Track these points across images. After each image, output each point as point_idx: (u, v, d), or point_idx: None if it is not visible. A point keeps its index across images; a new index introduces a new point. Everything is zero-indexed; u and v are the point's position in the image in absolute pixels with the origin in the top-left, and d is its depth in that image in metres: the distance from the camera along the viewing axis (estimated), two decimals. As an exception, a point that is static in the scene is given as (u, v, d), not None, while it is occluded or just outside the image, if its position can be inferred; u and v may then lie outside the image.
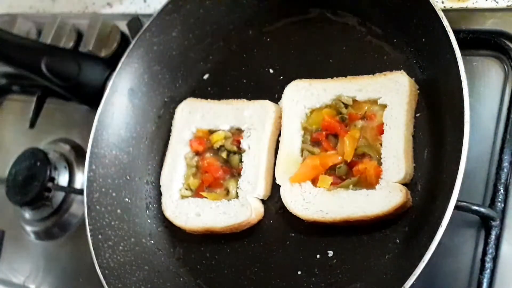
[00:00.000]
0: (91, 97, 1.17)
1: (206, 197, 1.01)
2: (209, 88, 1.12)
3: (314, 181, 0.94)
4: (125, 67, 1.09)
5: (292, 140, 0.98)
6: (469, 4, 0.98)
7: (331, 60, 1.02)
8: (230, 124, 1.04)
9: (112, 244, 1.01)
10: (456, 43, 0.81)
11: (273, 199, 0.99)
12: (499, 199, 0.85)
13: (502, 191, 0.86)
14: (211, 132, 1.06)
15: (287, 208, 0.94)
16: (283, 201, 0.94)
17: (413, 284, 0.75)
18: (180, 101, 1.11)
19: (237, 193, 0.99)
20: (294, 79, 1.01)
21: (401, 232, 0.87)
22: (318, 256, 0.92)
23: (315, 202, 0.92)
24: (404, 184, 0.88)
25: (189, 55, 1.13)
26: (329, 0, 1.04)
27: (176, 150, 1.07)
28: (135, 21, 1.24)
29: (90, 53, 1.27)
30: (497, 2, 0.96)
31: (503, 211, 0.85)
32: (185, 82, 1.14)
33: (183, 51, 1.12)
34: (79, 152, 1.26)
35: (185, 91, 1.13)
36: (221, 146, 1.03)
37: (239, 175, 1.00)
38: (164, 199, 1.05)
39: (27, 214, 1.27)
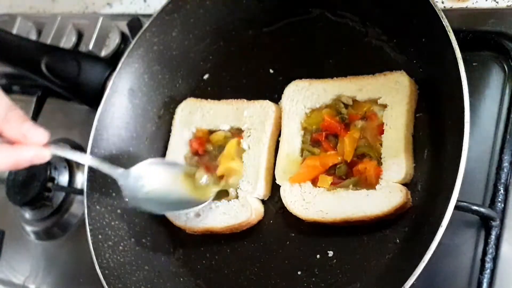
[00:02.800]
0: (91, 97, 1.17)
1: (205, 197, 1.01)
2: (209, 88, 1.12)
3: (314, 181, 0.94)
4: (125, 67, 1.09)
5: (292, 140, 0.98)
6: (469, 4, 0.98)
7: (331, 60, 1.02)
8: (230, 124, 1.04)
9: (112, 244, 1.01)
10: (456, 43, 0.81)
11: (273, 199, 0.99)
12: (499, 199, 0.85)
13: (502, 191, 0.86)
14: (211, 132, 1.06)
15: (287, 208, 0.94)
16: (283, 201, 0.94)
17: (413, 284, 0.75)
18: (180, 101, 1.11)
19: (237, 193, 0.99)
20: (294, 79, 1.01)
21: (401, 232, 0.87)
22: (318, 256, 0.92)
23: (315, 202, 0.92)
24: (404, 184, 0.88)
25: (189, 55, 1.13)
26: (329, 0, 1.04)
27: (176, 150, 1.07)
28: (135, 21, 1.24)
29: (90, 53, 1.27)
30: (497, 2, 0.96)
31: (503, 211, 0.85)
32: (185, 82, 1.14)
33: (183, 51, 1.12)
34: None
35: (185, 91, 1.13)
36: (221, 146, 1.03)
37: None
38: (164, 199, 1.05)
39: (27, 214, 1.27)
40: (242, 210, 0.97)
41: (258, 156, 0.99)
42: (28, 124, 0.80)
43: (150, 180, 0.99)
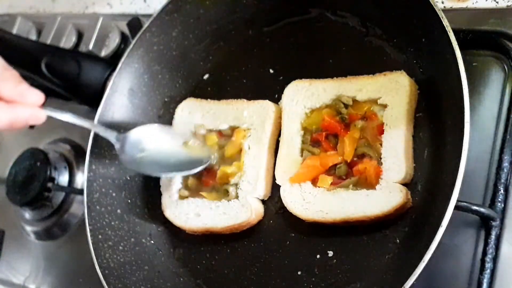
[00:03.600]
0: (91, 97, 1.17)
1: (205, 197, 1.01)
2: (209, 88, 1.12)
3: (314, 181, 0.94)
4: (125, 67, 1.09)
5: (292, 140, 0.98)
6: (469, 4, 0.98)
7: (331, 60, 1.02)
8: (230, 124, 1.04)
9: (112, 244, 1.01)
10: (456, 43, 0.81)
11: (273, 199, 0.99)
12: (499, 199, 0.85)
13: (502, 191, 0.86)
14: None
15: (287, 208, 0.94)
16: (283, 201, 0.94)
17: (413, 284, 0.75)
18: (180, 101, 1.11)
19: (237, 193, 0.99)
20: (294, 79, 1.01)
21: (401, 232, 0.87)
22: (318, 256, 0.92)
23: (315, 202, 0.92)
24: (404, 184, 0.88)
25: (189, 55, 1.13)
26: (329, 0, 1.04)
27: (176, 150, 1.07)
28: (135, 21, 1.24)
29: (90, 53, 1.27)
30: (497, 2, 0.96)
31: (503, 211, 0.85)
32: (185, 82, 1.14)
33: (183, 51, 1.12)
34: (79, 152, 1.26)
35: (185, 91, 1.13)
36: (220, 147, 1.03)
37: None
38: (163, 199, 1.05)
39: (27, 214, 1.27)
40: (242, 210, 0.97)
41: (258, 156, 0.99)
42: (24, 84, 0.81)
43: (148, 144, 0.99)
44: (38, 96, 0.82)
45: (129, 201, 1.07)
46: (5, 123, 0.80)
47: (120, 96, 1.09)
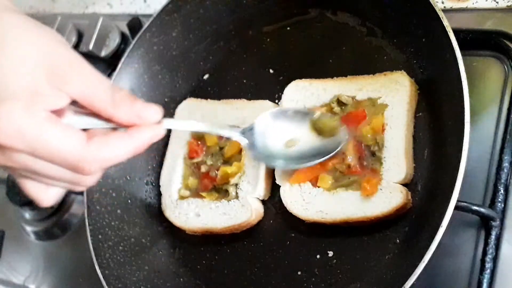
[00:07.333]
0: (91, 97, 1.17)
1: (205, 198, 1.01)
2: (209, 88, 1.12)
3: (314, 181, 0.93)
4: (125, 67, 1.08)
5: (292, 140, 0.98)
6: (469, 4, 0.98)
7: (331, 60, 1.02)
8: (230, 124, 1.04)
9: (112, 244, 1.01)
10: (456, 43, 0.81)
11: (273, 199, 0.99)
12: (499, 199, 0.85)
13: (502, 191, 0.85)
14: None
15: (287, 208, 0.94)
16: (283, 201, 0.94)
17: (413, 284, 0.75)
18: (180, 101, 1.11)
19: (237, 193, 0.99)
20: (294, 79, 1.01)
21: (401, 232, 0.87)
22: (318, 256, 0.92)
23: (315, 203, 0.92)
24: (404, 185, 0.88)
25: (189, 55, 1.13)
26: (329, 0, 1.04)
27: (176, 150, 1.07)
28: (135, 21, 1.24)
29: (90, 53, 1.27)
30: (497, 2, 0.96)
31: (503, 211, 0.85)
32: (185, 82, 1.14)
33: (183, 51, 1.12)
34: (79, 152, 1.26)
35: (185, 91, 1.13)
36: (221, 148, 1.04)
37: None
38: (163, 199, 1.05)
39: (27, 214, 1.27)
40: (242, 210, 0.97)
41: (258, 156, 0.99)
42: (139, 102, 0.71)
43: (276, 134, 0.90)
44: (156, 112, 0.72)
45: (129, 201, 1.07)
46: (130, 155, 0.70)
47: (120, 96, 1.09)
